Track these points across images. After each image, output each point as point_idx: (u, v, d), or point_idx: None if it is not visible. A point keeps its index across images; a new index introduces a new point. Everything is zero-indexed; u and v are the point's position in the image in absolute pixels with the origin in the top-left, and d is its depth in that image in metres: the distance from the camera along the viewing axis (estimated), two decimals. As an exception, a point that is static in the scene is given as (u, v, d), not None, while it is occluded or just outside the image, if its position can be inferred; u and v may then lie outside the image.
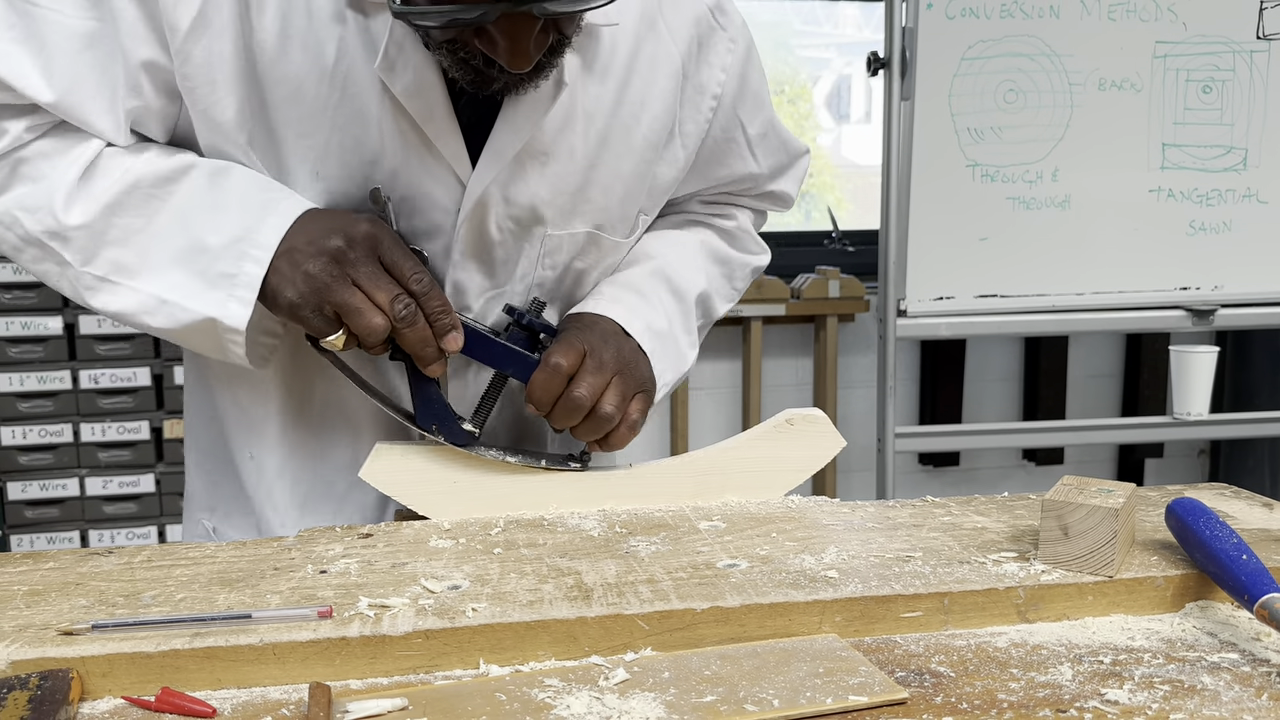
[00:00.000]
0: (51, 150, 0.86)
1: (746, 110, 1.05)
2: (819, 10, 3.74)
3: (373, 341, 0.83)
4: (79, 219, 0.85)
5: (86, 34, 0.84)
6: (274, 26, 0.85)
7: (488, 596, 0.68)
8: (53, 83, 0.84)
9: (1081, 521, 0.72)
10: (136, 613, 0.67)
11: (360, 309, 0.82)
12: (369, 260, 0.83)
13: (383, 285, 0.83)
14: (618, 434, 0.91)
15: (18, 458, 2.65)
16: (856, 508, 0.90)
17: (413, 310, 0.83)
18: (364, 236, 0.83)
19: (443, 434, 0.89)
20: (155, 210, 0.86)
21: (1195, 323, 2.51)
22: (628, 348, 0.95)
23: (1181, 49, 2.41)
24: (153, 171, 0.86)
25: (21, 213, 0.85)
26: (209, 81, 0.85)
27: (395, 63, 0.85)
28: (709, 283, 1.10)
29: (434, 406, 0.89)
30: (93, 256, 0.86)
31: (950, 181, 2.37)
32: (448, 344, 0.85)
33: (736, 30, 1.02)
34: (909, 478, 3.45)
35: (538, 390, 0.88)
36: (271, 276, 0.83)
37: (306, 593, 0.70)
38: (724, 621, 0.66)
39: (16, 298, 2.59)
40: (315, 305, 0.82)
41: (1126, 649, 0.66)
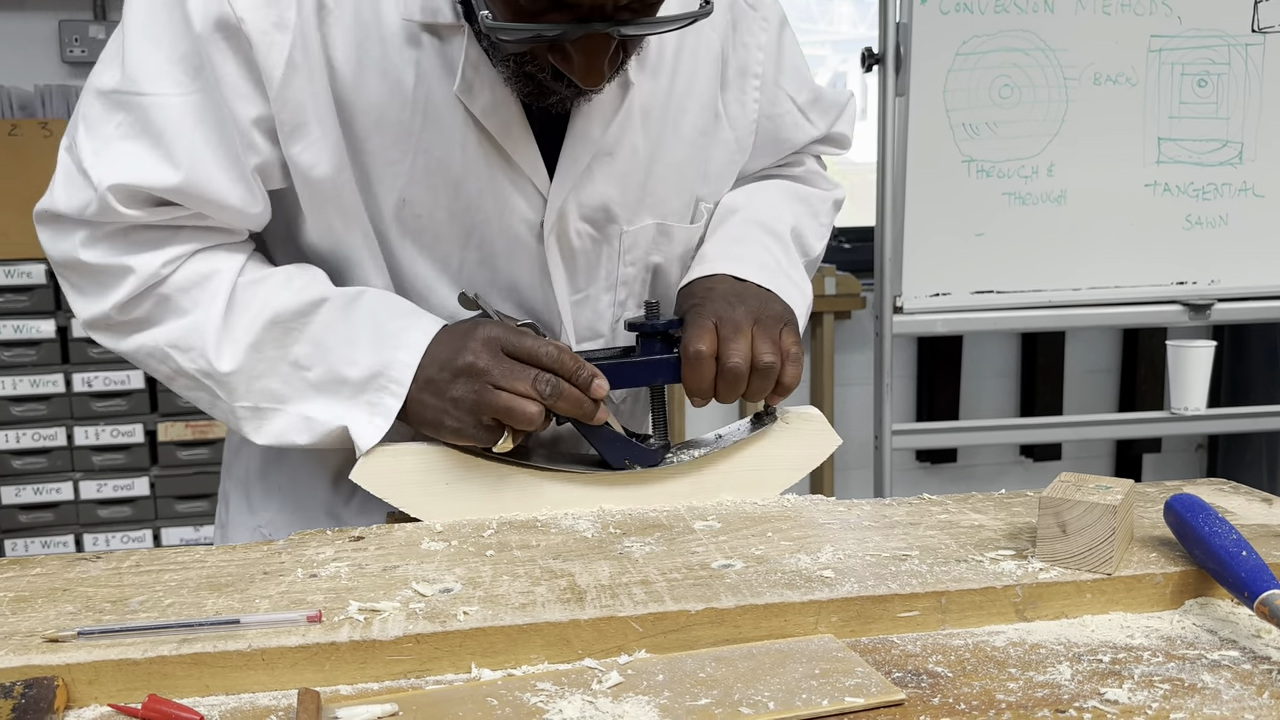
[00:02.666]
0: (189, 283, 0.88)
1: (790, 82, 1.08)
2: (814, 8, 3.73)
3: (534, 428, 0.85)
4: (229, 365, 0.88)
5: (195, 108, 0.85)
6: (350, 57, 0.86)
7: (480, 599, 0.67)
8: (177, 165, 0.84)
9: (1079, 519, 0.72)
10: (124, 619, 0.66)
11: (511, 407, 0.84)
12: (498, 360, 0.85)
13: (520, 375, 0.85)
14: (787, 374, 0.92)
15: (11, 462, 2.64)
16: (852, 506, 0.89)
17: (555, 383, 0.85)
18: (485, 342, 0.86)
19: (638, 464, 0.91)
20: (294, 340, 0.89)
21: (1192, 317, 2.51)
22: (751, 294, 0.96)
23: (1176, 43, 2.40)
24: (290, 307, 0.89)
25: (174, 351, 0.89)
26: (303, 124, 0.86)
27: (472, 84, 0.86)
28: (797, 220, 1.11)
29: (617, 445, 0.91)
30: (244, 393, 0.89)
31: (946, 177, 2.37)
32: (596, 393, 0.87)
33: (768, 8, 1.04)
34: (906, 474, 3.44)
35: (692, 383, 0.90)
36: (421, 410, 0.86)
37: (296, 597, 0.69)
38: (719, 623, 0.65)
39: (9, 301, 2.57)
40: (474, 423, 0.85)
41: (1126, 647, 0.65)
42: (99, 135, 0.85)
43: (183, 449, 2.69)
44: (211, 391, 0.90)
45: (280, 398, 0.89)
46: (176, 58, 0.84)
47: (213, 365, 0.88)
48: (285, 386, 0.89)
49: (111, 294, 0.88)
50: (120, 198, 0.84)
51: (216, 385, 0.89)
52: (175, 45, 0.84)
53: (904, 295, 2.40)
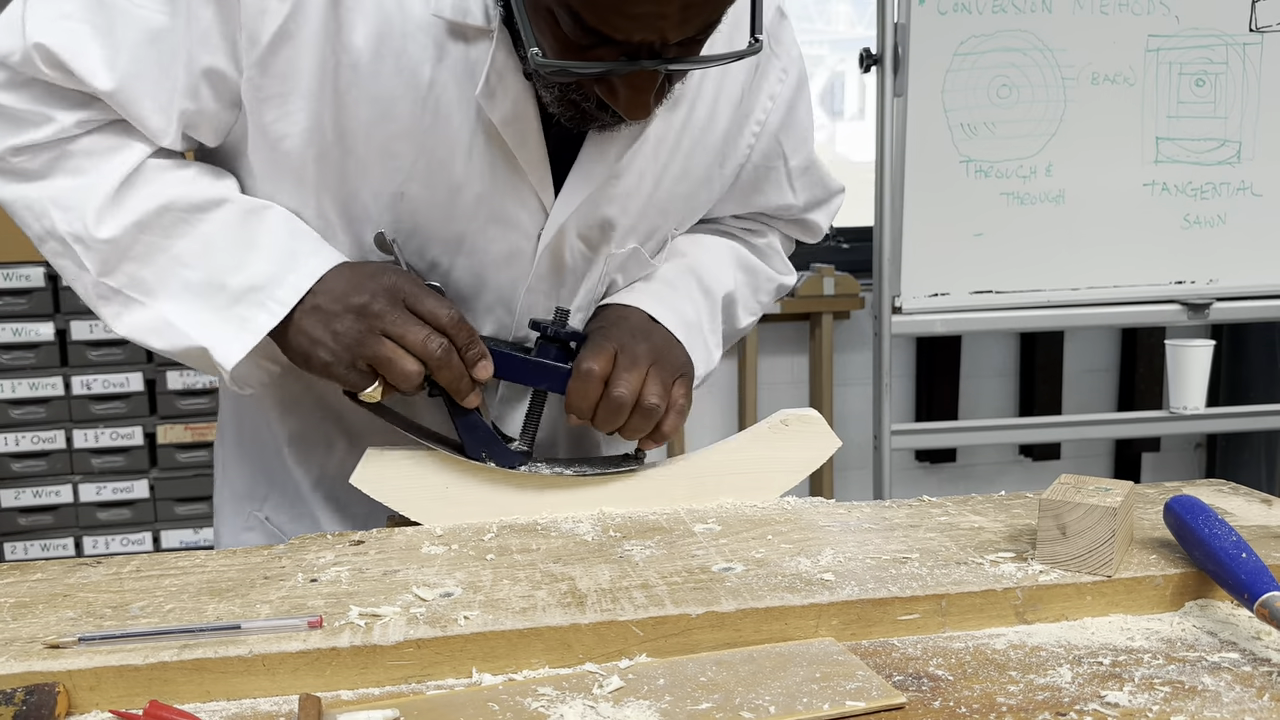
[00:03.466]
0: (96, 149, 0.86)
1: (790, 142, 1.05)
2: (811, 7, 3.73)
3: (409, 386, 0.84)
4: (107, 233, 0.84)
5: (155, 29, 0.83)
6: (367, 45, 0.84)
7: (480, 604, 0.67)
8: (113, 72, 0.83)
9: (1079, 521, 0.72)
10: (124, 624, 0.66)
11: (392, 358, 0.82)
12: (395, 309, 0.83)
13: (412, 329, 0.83)
14: (667, 422, 0.91)
15: (10, 465, 2.64)
16: (852, 508, 0.89)
17: (446, 348, 0.84)
18: (386, 288, 0.84)
19: (493, 460, 0.89)
20: (181, 234, 0.86)
21: (1190, 316, 2.51)
22: (659, 335, 0.95)
23: (1174, 42, 2.40)
24: (188, 196, 0.86)
25: (54, 208, 0.85)
26: (282, 95, 0.84)
27: (495, 91, 0.85)
28: (736, 288, 1.09)
29: (480, 434, 0.89)
30: (112, 269, 0.86)
31: (944, 178, 2.37)
32: (478, 373, 0.86)
33: (790, 61, 1.02)
34: (906, 474, 3.44)
35: (575, 399, 0.88)
36: (298, 335, 0.84)
37: (297, 602, 0.69)
38: (719, 626, 0.65)
39: (8, 304, 2.57)
40: (348, 362, 0.83)
41: (1126, 649, 0.65)
42: (60, 5, 0.83)
43: (182, 451, 2.68)
44: (78, 260, 0.85)
45: (148, 289, 0.86)
46: None
47: (88, 229, 0.84)
48: (157, 279, 0.86)
49: (16, 135, 0.85)
50: (44, 58, 0.82)
51: (85, 253, 0.85)
52: None
53: (903, 295, 2.40)
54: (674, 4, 0.71)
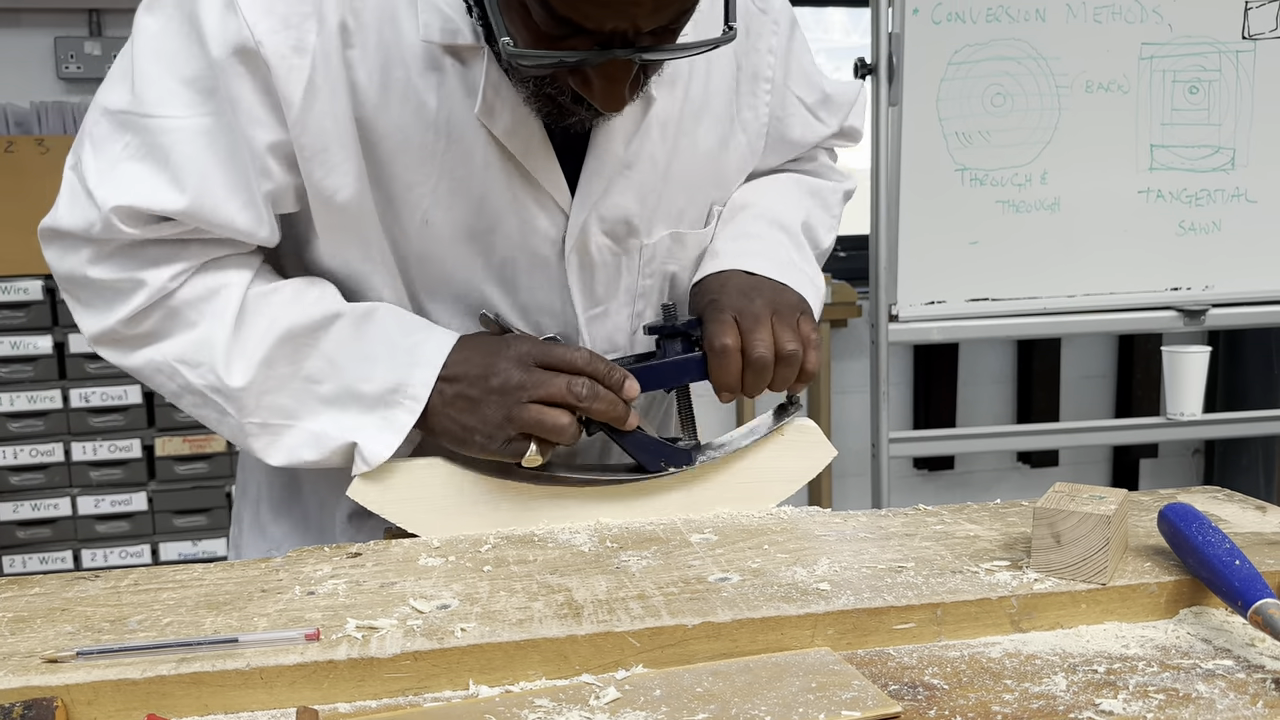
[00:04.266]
0: (198, 296, 0.88)
1: (799, 84, 1.08)
2: (807, 16, 3.75)
3: (566, 437, 0.86)
4: (240, 381, 0.87)
5: (206, 130, 0.84)
6: (373, 81, 0.85)
7: (477, 616, 0.68)
8: (184, 189, 0.84)
9: (1074, 529, 0.72)
10: (123, 638, 0.67)
11: (541, 419, 0.85)
12: (530, 373, 0.86)
13: (554, 382, 0.85)
14: (809, 360, 0.92)
15: (9, 478, 2.64)
16: (848, 518, 0.89)
17: (590, 385, 0.86)
18: (519, 358, 0.86)
19: (672, 466, 0.91)
20: (306, 356, 0.89)
21: (1187, 323, 2.51)
22: (765, 286, 0.96)
23: (1167, 50, 2.41)
24: (301, 320, 0.88)
25: (183, 366, 0.88)
26: (324, 149, 0.85)
27: (493, 106, 0.86)
28: (808, 213, 1.12)
29: (652, 448, 0.91)
30: (253, 409, 0.89)
31: (939, 186, 2.37)
32: (628, 393, 0.88)
33: (778, 12, 1.04)
34: (904, 481, 3.45)
35: (720, 377, 0.90)
36: (447, 424, 0.87)
37: (294, 615, 0.69)
38: (715, 637, 0.66)
39: (6, 317, 2.58)
40: (504, 439, 0.86)
41: (1121, 657, 0.65)
42: (105, 156, 0.85)
43: (180, 463, 2.68)
44: (220, 408, 0.89)
45: (291, 414, 0.89)
46: (188, 79, 0.83)
47: (222, 380, 0.87)
48: (296, 403, 0.89)
49: (119, 308, 0.87)
50: (124, 218, 0.84)
51: (226, 401, 0.88)
52: (188, 66, 0.83)
53: (899, 304, 2.40)
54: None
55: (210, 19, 0.81)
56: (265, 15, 0.81)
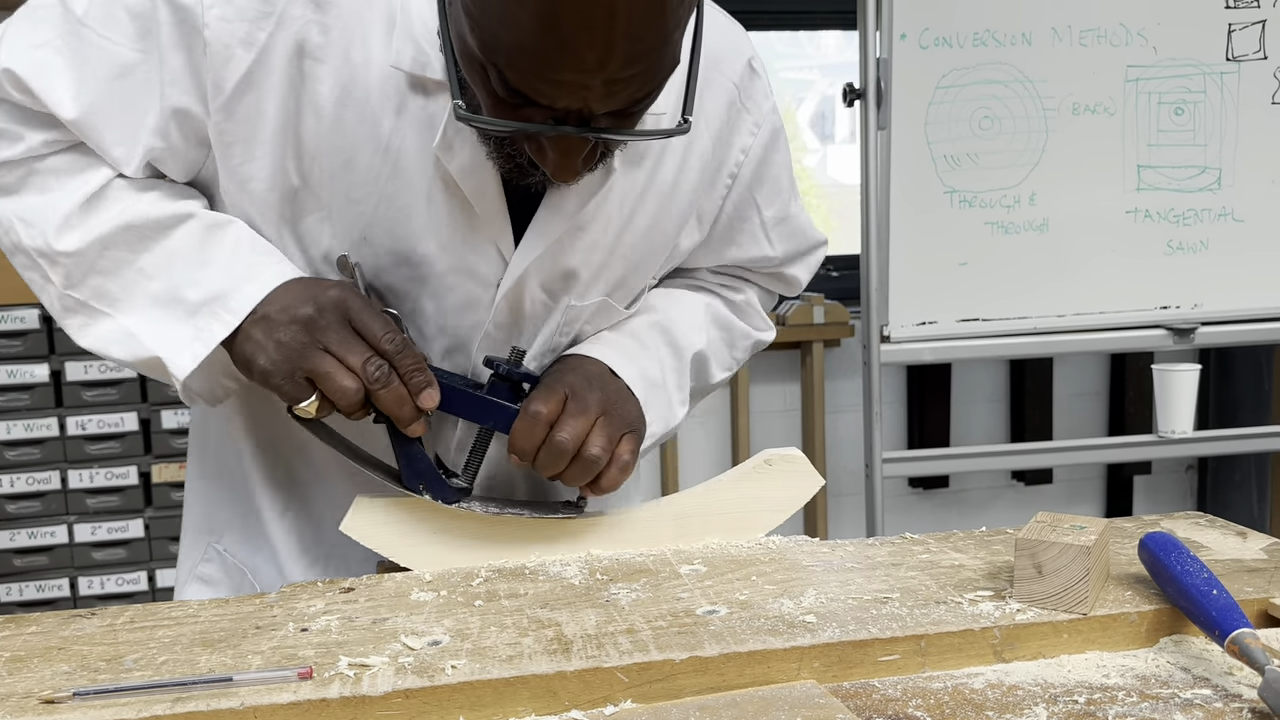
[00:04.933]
0: (64, 168, 0.89)
1: (764, 194, 1.05)
2: (801, 37, 3.78)
3: (346, 404, 0.83)
4: (70, 246, 0.87)
5: (125, 64, 0.86)
6: (331, 95, 0.86)
7: (468, 652, 0.69)
8: (78, 101, 0.86)
9: (1054, 560, 0.73)
10: (119, 677, 0.67)
11: (330, 373, 0.82)
12: (340, 325, 0.84)
13: (354, 348, 0.83)
14: (608, 476, 0.90)
15: (5, 506, 2.64)
16: (835, 547, 0.91)
17: (385, 371, 0.83)
18: (333, 302, 0.84)
19: (429, 493, 0.89)
20: (146, 249, 0.88)
21: (1176, 341, 2.53)
22: (613, 388, 0.95)
23: (1153, 72, 2.44)
24: (151, 215, 0.88)
25: (19, 223, 0.88)
26: (246, 139, 0.87)
27: (453, 143, 0.86)
28: (708, 345, 1.09)
29: (419, 465, 0.89)
30: (77, 282, 0.88)
31: (929, 208, 2.40)
32: (423, 401, 0.85)
33: (763, 115, 1.02)
34: (899, 501, 3.46)
35: (518, 439, 0.88)
36: (245, 343, 0.85)
37: (288, 652, 0.70)
38: (703, 671, 0.67)
39: (3, 346, 2.59)
40: (287, 373, 0.83)
41: (1101, 687, 0.66)
42: (34, 35, 0.86)
43: (177, 490, 2.69)
44: (44, 274, 0.88)
45: (112, 300, 0.88)
46: (136, 13, 0.85)
47: (49, 243, 0.87)
48: (122, 291, 0.88)
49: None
50: (12, 82, 0.86)
51: (50, 266, 0.88)
52: (140, 3, 0.85)
53: (891, 325, 2.42)
54: (598, 77, 0.71)
55: None
56: (224, 2, 0.83)
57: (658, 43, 0.72)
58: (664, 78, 0.76)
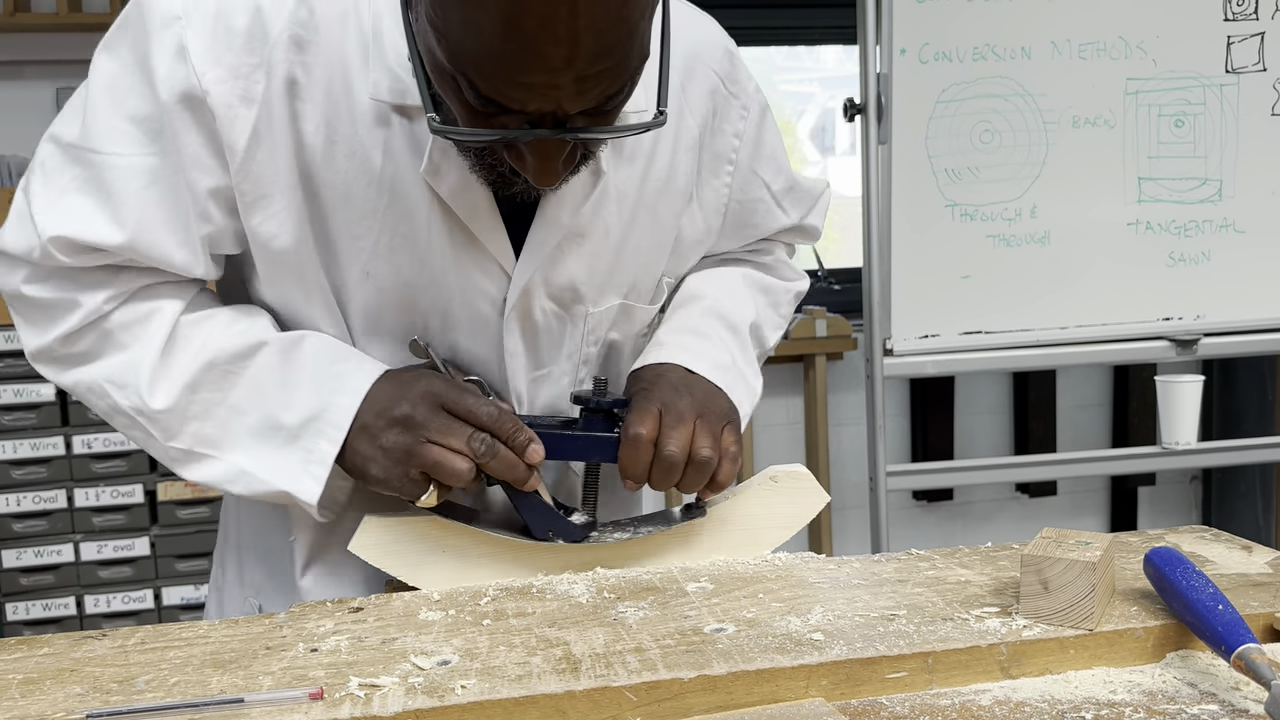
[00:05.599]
0: (132, 319, 0.90)
1: (767, 171, 1.09)
2: (801, 51, 3.80)
3: (461, 483, 0.86)
4: (162, 403, 0.88)
5: (150, 170, 0.86)
6: (319, 133, 0.87)
7: (477, 672, 0.69)
8: (123, 225, 0.86)
9: (1060, 576, 0.74)
10: (130, 699, 0.68)
11: (440, 462, 0.85)
12: (435, 414, 0.86)
13: (455, 432, 0.85)
14: (722, 471, 0.92)
15: (12, 525, 2.65)
16: (842, 563, 0.91)
17: (489, 442, 0.86)
18: (423, 394, 0.86)
19: (561, 537, 0.91)
20: (231, 384, 0.90)
21: (1179, 352, 2.54)
22: (699, 388, 0.96)
23: (1152, 85, 2.45)
24: (227, 349, 0.90)
25: (111, 386, 0.89)
26: (265, 196, 0.87)
27: (440, 166, 0.87)
28: (758, 313, 1.13)
29: (543, 514, 0.91)
30: (176, 433, 0.90)
31: (930, 222, 2.41)
32: (530, 458, 0.87)
33: (749, 97, 1.05)
34: (904, 514, 3.45)
35: (628, 466, 0.90)
36: (353, 456, 0.87)
37: (298, 673, 0.71)
38: (711, 690, 0.67)
39: (9, 366, 2.60)
40: (400, 475, 0.86)
41: (1108, 703, 0.67)
42: (53, 185, 0.87)
43: (182, 508, 2.70)
44: (145, 430, 0.90)
45: (215, 443, 0.90)
46: (137, 119, 0.86)
47: (145, 402, 0.88)
48: (220, 431, 0.89)
49: (56, 326, 0.89)
50: (61, 248, 0.86)
51: (149, 423, 0.89)
52: (138, 106, 0.85)
53: (893, 338, 2.42)
54: (567, 75, 0.72)
55: (161, 63, 0.84)
56: (214, 64, 0.84)
57: (624, 35, 0.72)
58: (635, 71, 0.76)
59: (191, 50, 0.83)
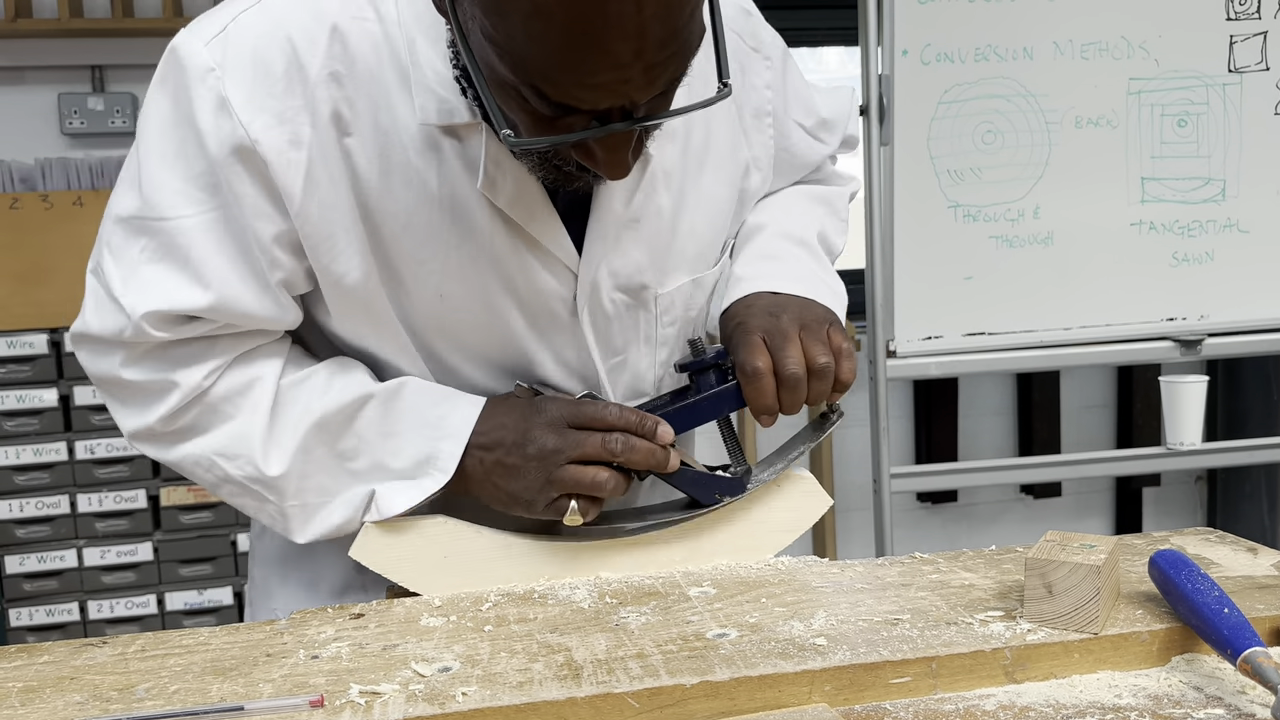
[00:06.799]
0: (234, 390, 0.90)
1: (798, 112, 1.10)
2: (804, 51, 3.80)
3: (610, 491, 0.88)
4: (278, 469, 0.90)
5: (216, 225, 0.86)
6: (374, 166, 0.87)
7: (478, 679, 0.69)
8: (207, 286, 0.86)
9: (1065, 579, 0.73)
10: (130, 708, 0.68)
11: (580, 478, 0.87)
12: (564, 437, 0.88)
13: (587, 444, 0.88)
14: (843, 370, 0.93)
15: (15, 531, 2.65)
16: (845, 567, 0.90)
17: (625, 440, 0.88)
18: (551, 422, 0.89)
19: (728, 496, 0.93)
20: (340, 438, 0.92)
21: (1184, 353, 2.53)
22: (792, 303, 0.97)
23: (1155, 85, 2.45)
24: (333, 406, 0.91)
25: (221, 459, 0.90)
26: (329, 235, 0.87)
27: (495, 179, 0.87)
28: (821, 224, 1.14)
29: (703, 483, 0.93)
30: (295, 492, 0.91)
31: (933, 223, 2.40)
32: (663, 439, 0.89)
33: (768, 47, 1.06)
34: (908, 515, 3.44)
35: (757, 401, 0.91)
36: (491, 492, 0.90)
37: (299, 680, 0.71)
38: (714, 695, 0.67)
39: (11, 371, 2.60)
40: (547, 501, 0.89)
41: (1113, 708, 0.66)
42: (125, 262, 0.87)
43: (185, 513, 2.69)
44: (259, 496, 0.91)
45: (329, 491, 0.91)
46: (192, 177, 0.85)
47: (261, 471, 0.89)
48: (333, 480, 0.91)
49: (156, 408, 0.90)
50: (153, 322, 0.86)
51: (265, 489, 0.91)
52: (191, 166, 0.85)
53: (896, 339, 2.42)
54: (636, 68, 0.71)
55: (205, 120, 0.83)
56: (259, 113, 0.83)
57: (686, 17, 0.72)
58: (696, 48, 0.76)
59: (233, 101, 0.82)
